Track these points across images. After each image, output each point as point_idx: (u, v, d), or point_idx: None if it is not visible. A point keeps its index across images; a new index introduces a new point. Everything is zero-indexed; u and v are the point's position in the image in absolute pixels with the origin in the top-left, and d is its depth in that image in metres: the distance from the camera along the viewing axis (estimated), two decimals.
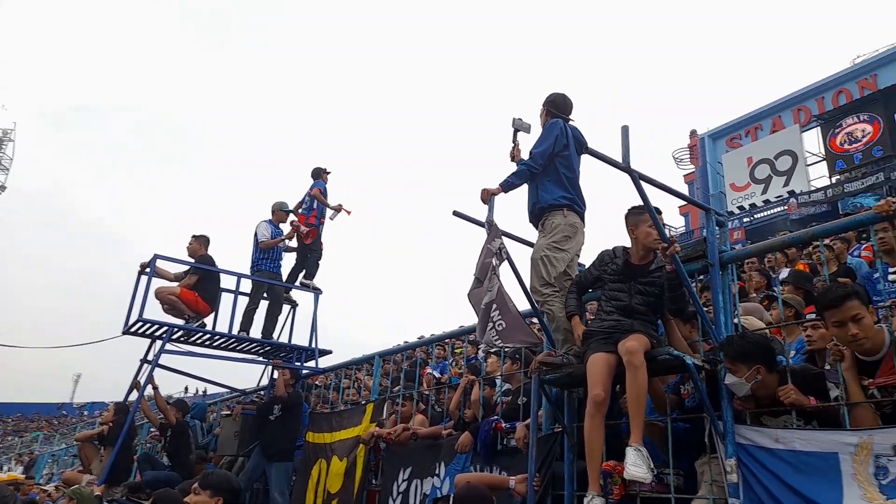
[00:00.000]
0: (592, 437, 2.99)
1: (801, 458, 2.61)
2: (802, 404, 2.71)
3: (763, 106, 27.79)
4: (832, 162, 23.54)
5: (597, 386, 3.00)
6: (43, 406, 54.60)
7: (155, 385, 6.81)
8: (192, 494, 3.06)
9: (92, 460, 6.86)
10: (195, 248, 7.12)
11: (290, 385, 6.74)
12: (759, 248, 3.37)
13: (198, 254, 7.11)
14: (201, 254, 7.11)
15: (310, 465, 6.23)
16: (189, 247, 7.13)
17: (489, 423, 4.22)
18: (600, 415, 3.00)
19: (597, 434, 2.99)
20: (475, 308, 3.42)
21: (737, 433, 2.87)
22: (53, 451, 18.66)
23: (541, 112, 4.13)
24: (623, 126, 3.04)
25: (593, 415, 2.99)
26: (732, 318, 3.21)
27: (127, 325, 6.71)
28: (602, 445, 3.01)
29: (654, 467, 3.15)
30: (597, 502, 2.90)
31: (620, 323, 3.19)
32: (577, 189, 3.90)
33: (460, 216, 3.72)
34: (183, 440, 7.03)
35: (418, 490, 4.78)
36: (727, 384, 2.86)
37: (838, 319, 2.59)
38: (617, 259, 3.40)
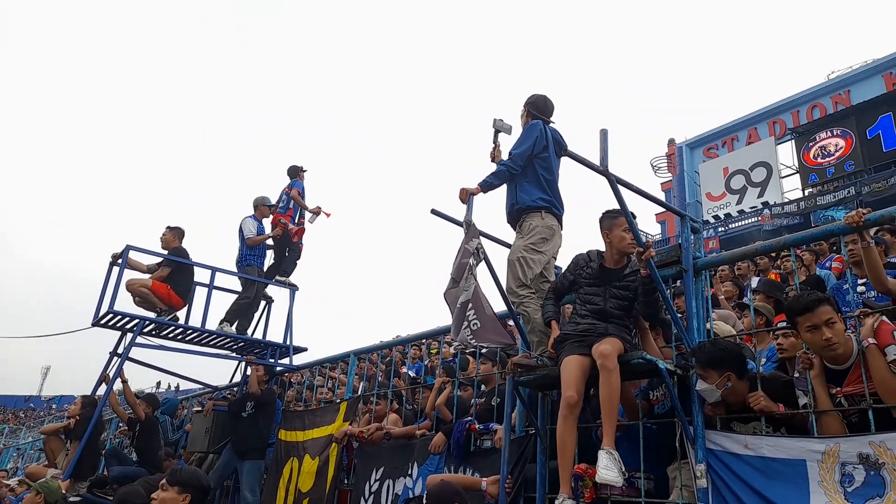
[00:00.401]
0: (565, 440, 3.00)
1: (770, 465, 2.64)
2: (772, 411, 2.75)
3: (740, 117, 28.21)
4: (805, 175, 23.99)
5: (570, 388, 3.01)
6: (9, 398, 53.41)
7: (124, 378, 6.67)
8: (160, 490, 3.00)
9: (57, 454, 6.70)
10: (169, 240, 6.98)
11: (263, 382, 6.67)
12: (733, 255, 3.42)
13: (171, 245, 6.97)
14: (175, 245, 6.98)
15: (281, 463, 6.16)
16: (163, 237, 6.99)
17: (463, 424, 4.21)
18: (573, 417, 3.00)
19: (569, 436, 3.00)
20: (451, 307, 3.41)
21: (707, 438, 2.90)
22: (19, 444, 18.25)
23: (521, 113, 4.14)
24: (602, 129, 3.07)
25: (566, 416, 3.00)
26: (705, 323, 3.24)
27: (97, 316, 6.57)
28: (574, 448, 3.02)
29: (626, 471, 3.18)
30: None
31: (595, 326, 3.20)
32: (556, 191, 3.91)
33: (438, 215, 3.71)
34: (152, 436, 6.90)
35: (390, 490, 4.75)
36: (698, 390, 2.89)
37: (812, 324, 2.62)
38: (592, 263, 3.41)
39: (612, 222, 3.29)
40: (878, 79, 23.98)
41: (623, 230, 3.24)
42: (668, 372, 2.97)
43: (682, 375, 3.09)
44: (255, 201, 7.90)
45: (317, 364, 7.43)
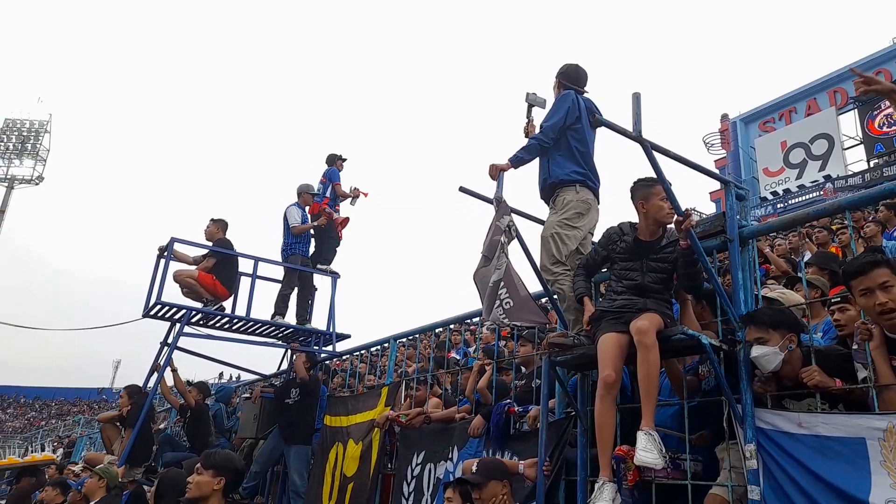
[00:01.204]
0: (603, 421, 2.86)
1: (826, 444, 2.45)
2: (827, 386, 2.54)
3: (797, 88, 26.94)
4: (870, 145, 22.76)
5: (607, 367, 2.87)
6: (84, 391, 56.36)
7: (174, 367, 6.86)
8: (195, 474, 3.04)
9: (114, 441, 6.95)
10: (213, 232, 7.13)
11: (306, 368, 6.73)
12: (783, 221, 3.17)
13: (215, 237, 7.12)
14: (219, 237, 7.12)
15: (327, 448, 6.21)
16: (206, 230, 7.15)
17: (501, 407, 4.12)
18: (611, 397, 2.86)
19: (607, 417, 2.86)
20: (479, 288, 3.30)
21: (757, 417, 2.71)
22: (91, 433, 19.17)
23: (554, 84, 3.98)
24: (634, 93, 2.88)
25: (603, 397, 2.86)
26: (753, 294, 3.03)
27: (147, 308, 6.76)
28: (613, 429, 2.88)
29: (669, 452, 3.02)
30: (608, 488, 2.77)
31: (633, 302, 3.03)
32: (591, 164, 3.75)
33: (467, 192, 3.59)
34: (202, 422, 7.08)
35: (432, 474, 4.71)
36: (756, 356, 2.65)
37: (866, 287, 2.42)
38: (626, 237, 3.22)
39: (649, 191, 3.09)
40: None
41: (661, 199, 3.05)
42: (713, 347, 2.79)
43: (728, 351, 2.90)
44: (299, 189, 7.96)
45: (359, 350, 7.45)
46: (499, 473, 3.22)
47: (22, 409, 53.82)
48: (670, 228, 3.13)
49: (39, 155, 45.32)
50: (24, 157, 44.91)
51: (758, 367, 2.69)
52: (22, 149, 44.95)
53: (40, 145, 45.41)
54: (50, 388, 57.37)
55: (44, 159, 45.52)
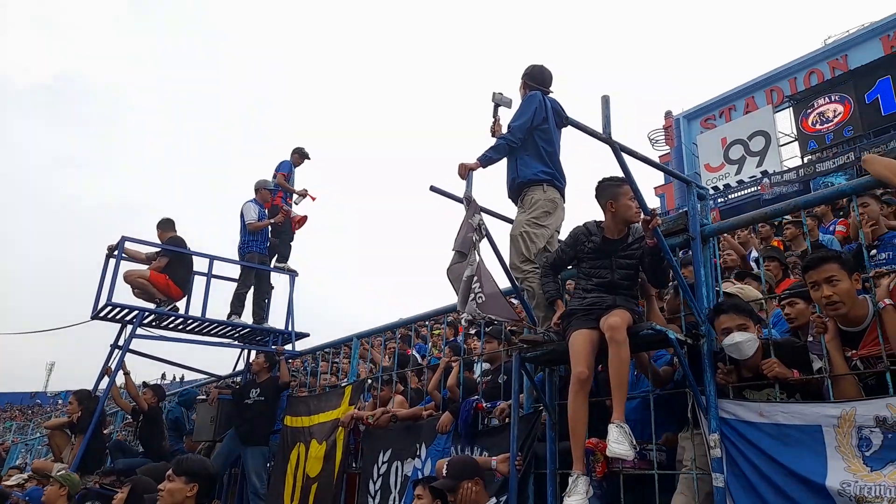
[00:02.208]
0: (576, 416, 2.93)
1: (785, 431, 2.59)
2: (786, 377, 2.69)
3: (736, 86, 27.98)
4: (804, 142, 23.84)
5: (580, 363, 2.94)
6: (16, 395, 53.71)
7: (126, 371, 6.64)
8: (167, 481, 2.96)
9: (63, 449, 6.68)
10: (161, 236, 6.93)
11: (265, 369, 6.63)
12: (742, 220, 3.32)
13: (164, 239, 6.91)
14: (169, 236, 6.92)
15: (288, 449, 6.14)
16: (158, 236, 6.94)
17: (470, 403, 4.17)
18: (584, 393, 2.94)
19: (581, 413, 2.93)
20: (453, 283, 3.33)
21: (720, 408, 2.85)
22: (27, 440, 18.30)
23: (519, 85, 4.04)
24: (603, 96, 2.97)
25: (577, 392, 2.93)
26: (714, 291, 3.17)
27: (95, 309, 6.51)
28: (586, 424, 2.96)
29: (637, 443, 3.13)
30: (581, 482, 2.85)
31: (602, 299, 3.13)
32: (557, 164, 3.82)
33: (438, 191, 3.62)
34: (156, 426, 6.88)
35: (399, 471, 4.73)
36: (740, 342, 2.74)
37: (814, 280, 2.59)
38: (594, 237, 3.30)
39: (617, 191, 3.18)
40: (876, 42, 23.74)
41: (629, 199, 3.15)
42: (679, 341, 2.91)
43: (692, 344, 3.02)
44: (257, 185, 7.79)
45: (320, 349, 7.38)
46: (469, 472, 3.24)
47: None
48: (635, 226, 3.23)
49: None
50: None
51: (734, 354, 2.80)
52: None
53: None
54: None
55: None
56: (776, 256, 4.48)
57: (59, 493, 4.44)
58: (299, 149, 8.22)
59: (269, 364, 6.69)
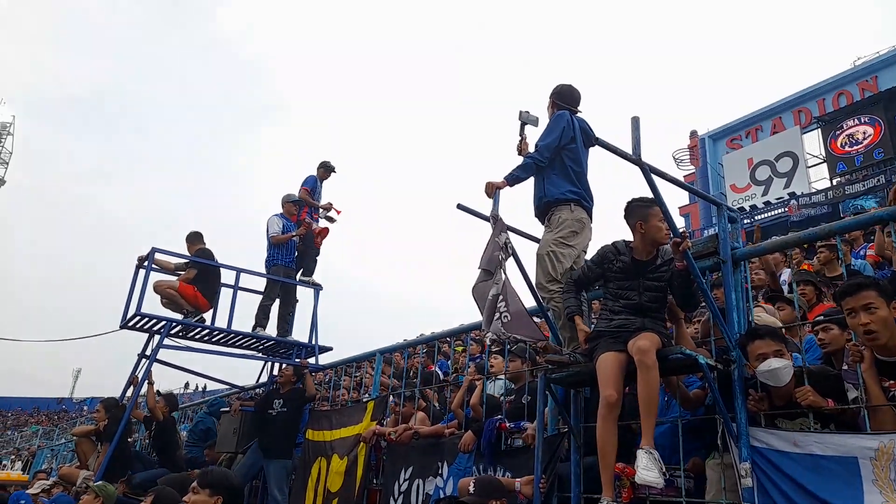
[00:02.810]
0: (605, 441, 2.88)
1: (819, 463, 2.53)
2: (820, 406, 2.63)
3: (764, 107, 27.74)
4: (833, 164, 23.50)
5: (608, 387, 2.90)
6: (42, 401, 54.59)
7: (151, 381, 6.71)
8: (191, 493, 2.97)
9: (89, 456, 6.76)
10: (189, 249, 7.05)
11: (291, 382, 6.65)
12: (776, 244, 3.28)
13: (193, 251, 7.03)
14: (196, 249, 7.03)
15: (309, 463, 6.14)
16: (187, 249, 7.06)
17: (493, 423, 4.13)
18: (613, 417, 2.89)
19: (610, 437, 2.88)
20: (478, 302, 3.33)
21: (751, 436, 2.79)
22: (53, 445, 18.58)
23: (547, 104, 4.04)
24: (633, 117, 2.97)
25: (606, 417, 2.88)
26: (746, 316, 3.12)
27: (124, 319, 6.62)
28: (615, 449, 2.90)
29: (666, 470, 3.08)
30: None
31: (630, 321, 3.09)
32: (585, 183, 3.82)
33: (465, 210, 3.63)
34: (170, 435, 6.91)
35: (420, 490, 4.70)
36: (777, 368, 2.67)
37: (851, 307, 2.53)
38: (622, 256, 3.26)
39: (647, 212, 3.15)
40: None
41: (659, 220, 3.12)
42: (709, 367, 2.86)
43: (722, 370, 2.97)
44: (283, 199, 7.89)
45: (343, 363, 7.40)
46: (497, 492, 3.23)
47: None
48: (664, 248, 3.20)
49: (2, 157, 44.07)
50: None
51: (770, 381, 2.73)
52: None
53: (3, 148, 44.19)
54: (6, 398, 55.44)
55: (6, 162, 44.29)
56: (811, 280, 4.40)
57: (95, 502, 4.48)
58: (325, 163, 8.29)
59: (296, 378, 6.71)
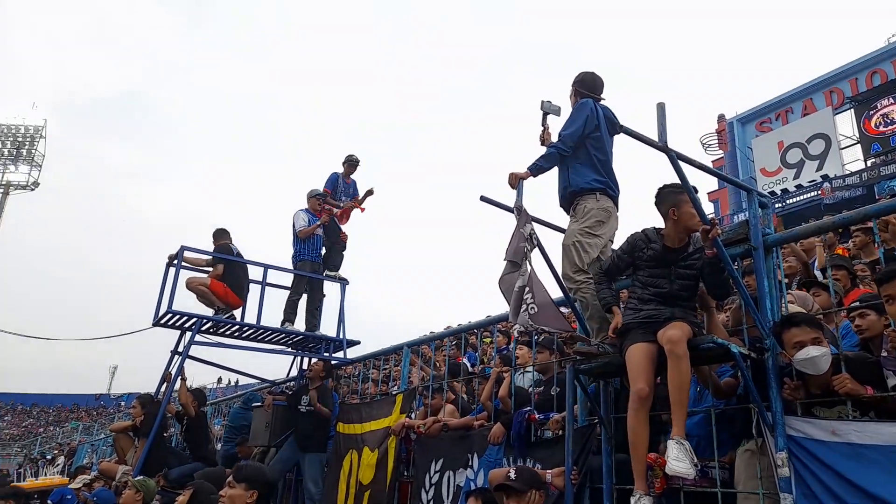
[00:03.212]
0: (637, 434, 2.85)
1: (859, 451, 2.47)
2: (859, 394, 2.57)
3: (793, 88, 27.02)
4: (867, 145, 22.82)
5: (639, 380, 2.86)
6: (82, 397, 56.11)
7: (184, 377, 6.84)
8: (227, 487, 3.04)
9: (127, 451, 6.94)
10: (215, 244, 7.18)
11: (321, 377, 6.71)
12: (808, 229, 3.20)
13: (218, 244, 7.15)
14: (222, 243, 7.14)
15: (341, 456, 6.21)
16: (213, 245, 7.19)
17: (522, 414, 4.13)
18: (644, 410, 2.86)
19: (641, 430, 2.85)
20: (505, 294, 3.32)
21: (787, 425, 2.73)
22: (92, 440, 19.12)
23: (570, 93, 4.00)
24: (659, 103, 2.91)
25: (637, 410, 2.85)
26: (779, 303, 3.05)
27: (157, 316, 6.76)
28: (647, 441, 2.88)
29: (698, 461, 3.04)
30: (645, 502, 2.78)
31: (659, 311, 3.04)
32: (610, 172, 3.77)
33: (488, 201, 3.61)
34: (201, 430, 7.05)
35: (451, 482, 4.72)
36: (816, 356, 2.60)
37: (890, 293, 2.46)
38: (653, 244, 3.19)
39: (679, 198, 3.06)
40: None
41: (691, 206, 3.06)
42: (742, 356, 2.81)
43: (755, 359, 2.92)
44: (308, 194, 7.96)
45: (371, 357, 7.46)
46: (537, 483, 3.25)
47: (19, 417, 53.55)
48: (695, 235, 3.14)
49: (35, 160, 45.11)
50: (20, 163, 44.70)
51: (808, 369, 2.66)
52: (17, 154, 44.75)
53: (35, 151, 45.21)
54: (47, 395, 57.14)
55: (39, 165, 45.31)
56: (844, 265, 4.29)
57: (136, 497, 4.60)
58: (349, 157, 8.31)
59: (325, 372, 6.77)
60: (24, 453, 31.93)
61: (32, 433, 43.48)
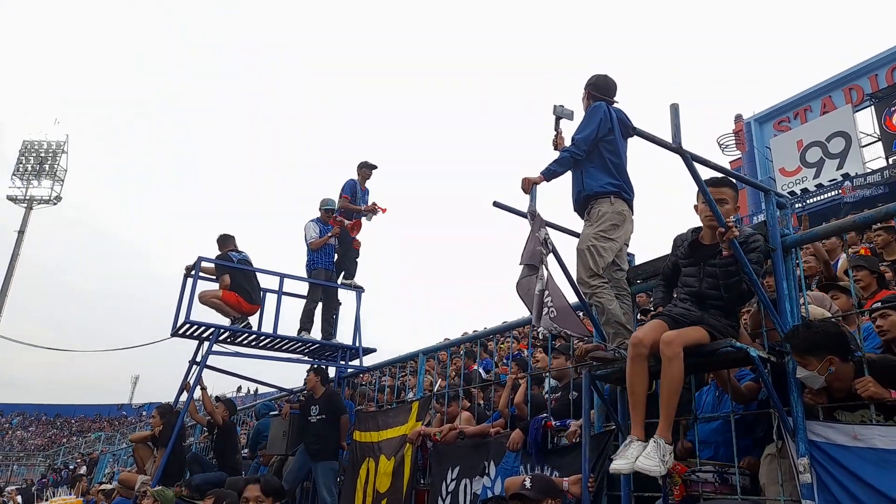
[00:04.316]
0: (633, 382, 2.86)
1: (884, 457, 2.40)
2: (883, 397, 2.50)
3: (812, 86, 26.66)
4: (888, 142, 22.44)
5: (638, 333, 2.89)
6: (104, 407, 56.76)
7: (203, 386, 6.89)
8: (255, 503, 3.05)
9: (146, 461, 7.00)
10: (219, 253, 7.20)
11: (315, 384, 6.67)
12: (828, 229, 3.13)
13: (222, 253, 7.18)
14: (228, 250, 7.17)
15: (357, 464, 6.20)
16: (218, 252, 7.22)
17: (538, 421, 4.09)
18: (641, 358, 2.84)
19: (637, 378, 2.85)
20: (524, 298, 3.29)
21: (809, 430, 2.67)
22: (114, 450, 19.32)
23: (583, 96, 3.97)
24: (672, 104, 2.87)
25: (633, 359, 2.86)
26: (799, 305, 2.99)
27: (175, 327, 6.81)
28: (645, 390, 2.87)
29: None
30: (634, 446, 2.72)
31: (690, 312, 2.97)
32: (625, 175, 3.73)
33: (501, 206, 3.59)
34: (230, 440, 7.09)
35: (468, 490, 4.68)
36: (800, 377, 2.65)
37: None
38: (686, 242, 3.19)
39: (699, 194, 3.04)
40: None
41: (703, 202, 3.02)
42: (762, 360, 2.75)
43: (776, 363, 2.86)
44: (321, 204, 7.98)
45: (386, 364, 7.45)
46: (553, 491, 3.21)
47: (43, 427, 54.30)
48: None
49: (57, 175, 45.87)
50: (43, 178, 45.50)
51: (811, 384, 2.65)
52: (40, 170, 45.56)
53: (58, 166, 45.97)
54: (70, 406, 57.90)
55: (61, 179, 46.05)
56: (865, 265, 4.19)
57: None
58: (364, 162, 8.28)
59: (320, 377, 6.74)
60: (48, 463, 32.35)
61: (56, 443, 44.05)
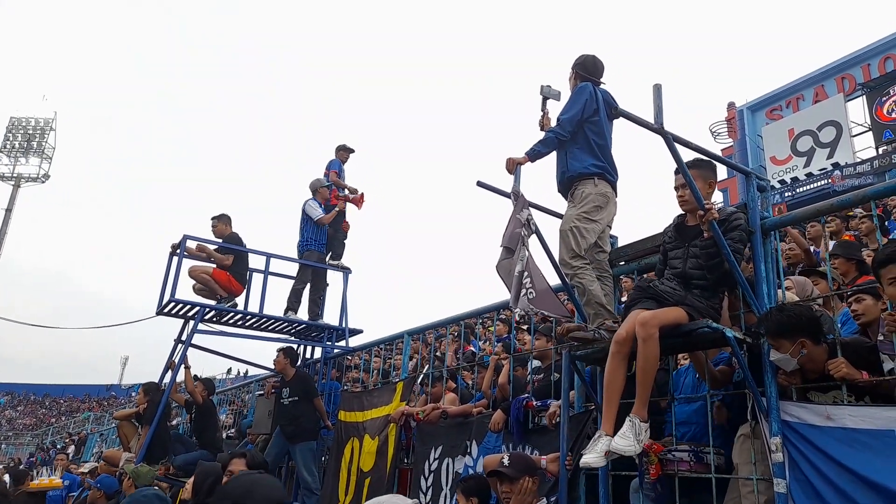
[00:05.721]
0: (610, 378, 2.88)
1: (853, 436, 2.43)
2: (854, 378, 2.53)
3: (804, 75, 26.64)
4: (879, 132, 22.50)
5: (622, 328, 2.89)
6: (93, 388, 56.71)
7: (187, 365, 6.88)
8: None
9: (130, 439, 7.01)
10: (221, 230, 7.14)
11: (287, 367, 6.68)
12: (807, 212, 3.13)
13: (225, 234, 7.12)
14: (228, 233, 7.13)
15: (342, 444, 6.24)
16: (214, 229, 7.15)
17: (520, 401, 4.12)
18: (621, 355, 2.86)
19: (614, 375, 2.87)
20: (504, 279, 3.30)
21: (782, 410, 2.70)
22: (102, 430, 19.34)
23: (570, 76, 3.95)
24: (655, 85, 2.85)
25: (614, 354, 2.88)
26: (776, 289, 3.01)
27: (160, 305, 6.78)
28: (621, 386, 2.88)
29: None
30: (602, 441, 2.75)
31: (674, 292, 2.98)
32: (609, 157, 3.73)
33: (485, 186, 3.58)
34: (209, 418, 7.09)
35: (450, 468, 4.72)
36: (772, 360, 2.68)
37: (893, 276, 2.41)
38: (673, 225, 3.22)
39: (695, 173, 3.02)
40: None
41: (679, 185, 3.04)
42: (737, 341, 2.78)
43: (751, 344, 2.88)
44: (313, 185, 7.94)
45: (372, 345, 7.46)
46: (530, 469, 3.23)
47: (32, 407, 54.26)
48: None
49: (45, 153, 45.33)
50: (30, 156, 44.95)
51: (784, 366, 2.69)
52: (28, 147, 45.00)
53: (46, 143, 45.42)
54: (59, 386, 57.84)
55: (49, 157, 45.50)
56: (840, 253, 4.23)
57: (128, 484, 4.66)
58: (343, 145, 8.42)
59: (289, 359, 6.74)
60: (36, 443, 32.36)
61: (45, 423, 44.03)
